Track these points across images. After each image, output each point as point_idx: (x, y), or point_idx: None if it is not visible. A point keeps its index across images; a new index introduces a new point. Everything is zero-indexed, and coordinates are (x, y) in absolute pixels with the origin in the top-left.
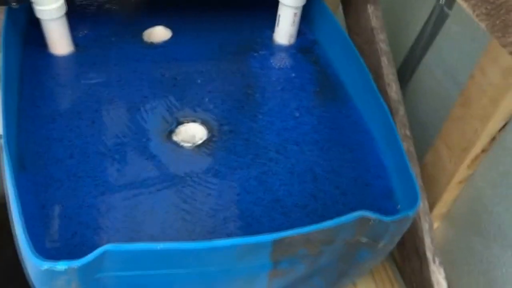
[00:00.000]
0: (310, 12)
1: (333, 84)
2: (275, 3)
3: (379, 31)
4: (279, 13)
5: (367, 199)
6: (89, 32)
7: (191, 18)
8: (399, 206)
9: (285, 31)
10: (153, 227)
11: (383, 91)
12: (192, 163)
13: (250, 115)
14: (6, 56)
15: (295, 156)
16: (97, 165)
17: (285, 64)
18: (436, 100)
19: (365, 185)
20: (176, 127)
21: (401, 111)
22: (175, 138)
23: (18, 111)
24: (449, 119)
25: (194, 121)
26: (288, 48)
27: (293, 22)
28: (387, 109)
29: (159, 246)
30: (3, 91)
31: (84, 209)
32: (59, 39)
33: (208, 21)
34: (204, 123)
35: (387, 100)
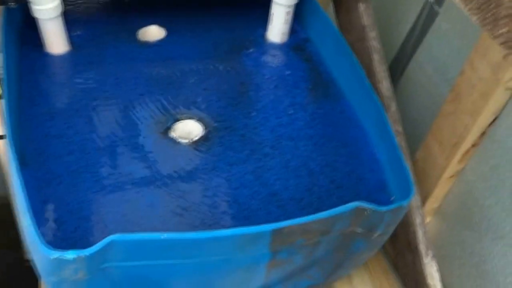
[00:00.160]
0: (302, 10)
1: (326, 81)
2: (268, 2)
3: (370, 29)
4: (272, 11)
5: (362, 192)
6: (84, 32)
7: (184, 17)
8: (393, 197)
9: (278, 29)
10: (154, 221)
11: (374, 87)
12: (190, 158)
13: (245, 112)
14: (7, 56)
15: (290, 151)
16: (96, 161)
17: (278, 62)
18: (427, 96)
19: (359, 179)
20: (173, 124)
21: (393, 107)
22: (172, 135)
23: (18, 109)
24: (440, 115)
25: (190, 118)
26: (281, 46)
27: (286, 21)
28: (379, 103)
29: (163, 236)
30: (6, 90)
31: (85, 204)
32: (55, 38)
33: (202, 20)
34: (200, 120)
35: (378, 97)
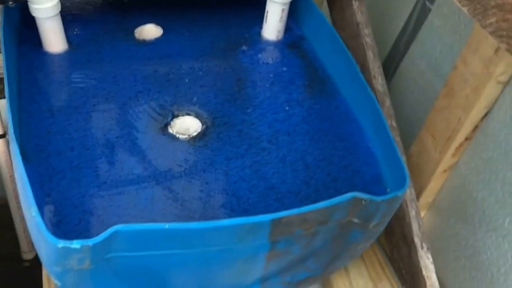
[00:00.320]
0: (297, 8)
1: (321, 77)
2: (263, 0)
3: (364, 26)
4: (267, 9)
5: (358, 185)
6: (82, 31)
7: (181, 16)
8: (388, 189)
9: (273, 27)
10: (154, 214)
11: (369, 83)
12: (188, 154)
13: (242, 108)
14: (6, 55)
15: (287, 146)
16: (97, 156)
17: (274, 59)
18: (421, 91)
19: (355, 172)
20: (171, 120)
21: (387, 103)
22: (170, 131)
23: (18, 107)
24: (433, 110)
25: (188, 114)
26: (276, 44)
27: (281, 18)
28: (374, 98)
29: (166, 225)
30: (7, 88)
31: (87, 198)
32: (53, 37)
33: (198, 18)
34: (198, 116)
35: (373, 92)
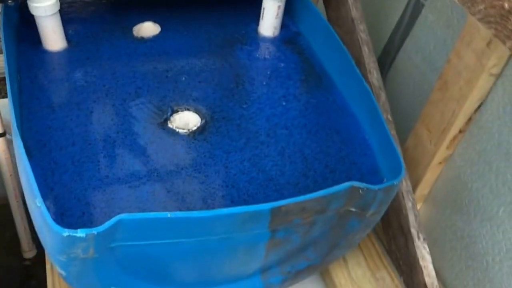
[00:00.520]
0: (293, 5)
1: (317, 72)
2: None
3: (359, 22)
4: (263, 6)
5: (355, 176)
6: (80, 29)
7: (178, 13)
8: (384, 179)
9: (269, 23)
10: (156, 206)
11: (364, 78)
12: (188, 147)
13: (240, 102)
14: (7, 54)
15: (285, 139)
16: (99, 151)
17: (270, 55)
18: (416, 86)
19: (352, 163)
20: (171, 115)
21: (383, 97)
22: (170, 125)
23: (19, 104)
24: (428, 103)
25: (187, 109)
26: (272, 40)
27: (277, 15)
28: (370, 91)
29: (169, 214)
30: (9, 86)
31: (90, 191)
32: (53, 35)
33: (195, 16)
34: (197, 111)
35: (369, 87)
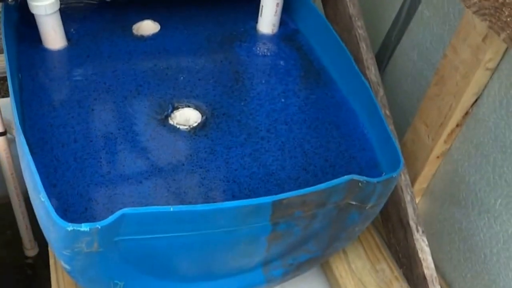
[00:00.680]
0: (291, 2)
1: (316, 68)
2: None
3: (356, 18)
4: (262, 3)
5: (354, 170)
6: (80, 27)
7: (177, 12)
8: (383, 173)
9: (268, 21)
10: (158, 201)
11: (363, 74)
12: (190, 143)
13: (240, 99)
14: (8, 53)
15: (285, 134)
16: (100, 148)
17: (269, 51)
18: (413, 81)
19: (352, 158)
20: (171, 112)
21: (381, 92)
22: (171, 122)
23: (21, 102)
24: (425, 98)
25: (188, 106)
26: (271, 37)
27: (276, 12)
28: (368, 86)
29: (171, 208)
30: (11, 84)
31: (92, 187)
32: (53, 34)
33: (194, 14)
34: (197, 108)
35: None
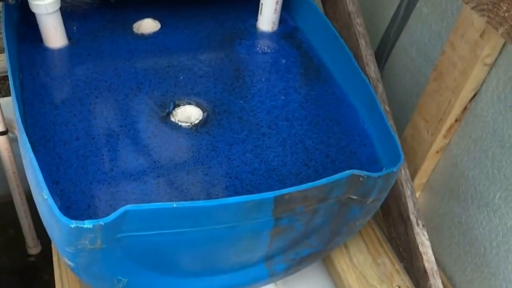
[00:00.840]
0: (291, 0)
1: (316, 65)
2: None
3: (355, 16)
4: (261, 1)
5: (355, 165)
6: (81, 26)
7: (177, 10)
8: (384, 168)
9: (268, 18)
10: (160, 197)
11: (362, 70)
12: (191, 140)
13: (241, 96)
14: (9, 52)
15: (286, 130)
16: (102, 145)
17: (270, 49)
18: (412, 77)
19: (352, 153)
20: (173, 109)
21: (380, 89)
22: (173, 119)
23: (22, 100)
24: (424, 93)
25: (189, 104)
26: (271, 35)
27: (275, 10)
28: (368, 82)
29: (174, 204)
30: (12, 83)
31: (95, 184)
32: (54, 33)
33: (194, 12)
34: (198, 105)
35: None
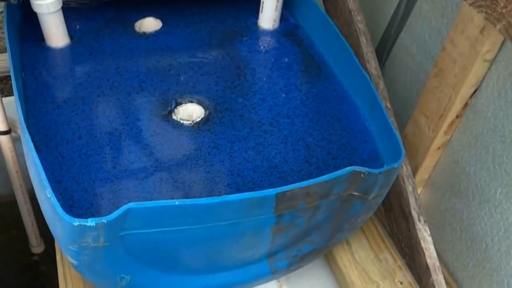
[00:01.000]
0: None
1: (317, 63)
2: None
3: (356, 13)
4: None
5: (356, 162)
6: (83, 25)
7: (178, 9)
8: (385, 164)
9: (268, 16)
10: (163, 195)
11: (363, 67)
12: (193, 138)
13: (242, 94)
14: (11, 51)
15: (288, 127)
16: (105, 144)
17: (271, 46)
18: (413, 74)
19: (354, 150)
20: (175, 107)
21: (381, 85)
22: (174, 117)
23: (25, 100)
24: (425, 90)
25: (191, 102)
26: (272, 33)
27: (276, 8)
28: (369, 79)
29: (177, 202)
30: (14, 83)
31: (98, 182)
32: (56, 32)
33: (195, 11)
34: (200, 103)
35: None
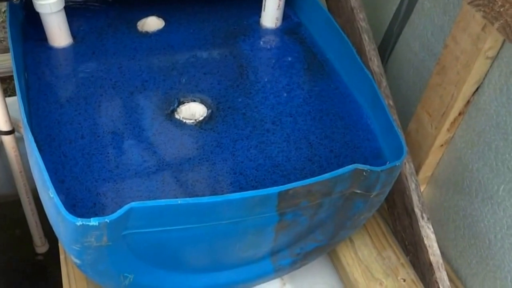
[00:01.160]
0: None
1: (320, 61)
2: None
3: (358, 11)
4: None
5: (359, 160)
6: (85, 25)
7: (180, 8)
8: (388, 162)
9: (271, 15)
10: (166, 194)
11: (366, 65)
12: (196, 137)
13: (245, 92)
14: (14, 51)
15: (290, 126)
16: (108, 143)
17: (273, 45)
18: (415, 71)
19: (356, 148)
20: (177, 106)
21: (384, 83)
22: (177, 116)
23: (27, 99)
24: (428, 87)
25: (194, 101)
26: (275, 31)
27: (279, 6)
28: (371, 77)
29: (179, 201)
30: (17, 83)
31: (100, 182)
32: (58, 32)
33: (197, 10)
34: (203, 102)
35: (370, 73)
